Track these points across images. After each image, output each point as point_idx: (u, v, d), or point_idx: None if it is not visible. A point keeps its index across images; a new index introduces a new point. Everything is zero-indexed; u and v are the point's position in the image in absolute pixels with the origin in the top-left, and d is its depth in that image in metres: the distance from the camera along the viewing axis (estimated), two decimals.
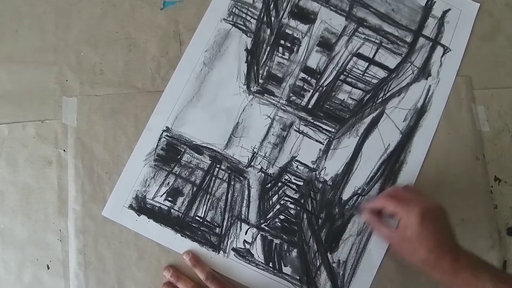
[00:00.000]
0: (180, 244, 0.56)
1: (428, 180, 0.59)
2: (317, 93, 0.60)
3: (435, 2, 0.64)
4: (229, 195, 0.57)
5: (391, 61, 0.61)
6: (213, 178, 0.58)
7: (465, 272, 0.44)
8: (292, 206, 0.57)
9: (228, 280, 0.55)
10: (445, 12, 0.64)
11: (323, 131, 0.59)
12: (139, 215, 0.56)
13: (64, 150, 0.57)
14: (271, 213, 0.57)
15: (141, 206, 0.56)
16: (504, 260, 0.58)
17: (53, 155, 0.57)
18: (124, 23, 0.60)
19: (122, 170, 0.57)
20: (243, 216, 0.57)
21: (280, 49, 0.61)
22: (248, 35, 0.61)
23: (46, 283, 0.55)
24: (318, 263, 0.57)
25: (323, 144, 0.59)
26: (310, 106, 0.60)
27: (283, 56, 0.61)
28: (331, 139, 0.59)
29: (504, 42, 0.64)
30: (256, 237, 0.57)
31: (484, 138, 0.61)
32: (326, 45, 0.61)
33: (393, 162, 0.59)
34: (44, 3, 0.60)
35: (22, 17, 0.59)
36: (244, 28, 0.61)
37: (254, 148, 0.58)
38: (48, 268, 0.55)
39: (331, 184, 0.58)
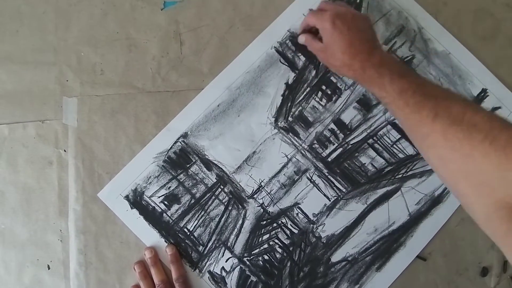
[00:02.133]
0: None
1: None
2: (341, 149, 0.59)
3: (487, 95, 0.62)
4: (223, 219, 0.57)
5: None
6: (213, 197, 0.57)
7: (371, 69, 0.46)
8: (279, 250, 0.57)
9: None
10: (494, 109, 0.62)
11: (334, 188, 0.58)
12: (131, 208, 0.56)
13: (65, 150, 0.57)
14: (257, 250, 0.57)
15: (136, 201, 0.56)
16: (504, 260, 0.58)
17: (53, 155, 0.57)
18: (124, 23, 0.59)
19: (128, 162, 0.57)
20: (229, 244, 0.57)
21: (319, 93, 0.60)
22: (293, 70, 0.60)
23: (46, 283, 0.55)
24: None
25: (330, 201, 0.58)
26: (329, 159, 0.59)
27: (320, 102, 0.60)
28: (339, 198, 0.58)
29: (504, 42, 0.63)
30: (235, 268, 0.56)
31: None
32: (365, 104, 0.60)
33: (392, 241, 0.58)
34: (44, 4, 0.59)
35: (22, 17, 0.59)
36: (291, 62, 0.60)
37: (262, 181, 0.58)
38: (49, 268, 0.55)
39: (324, 242, 0.57)
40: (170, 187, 0.57)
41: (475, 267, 0.58)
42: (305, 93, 0.60)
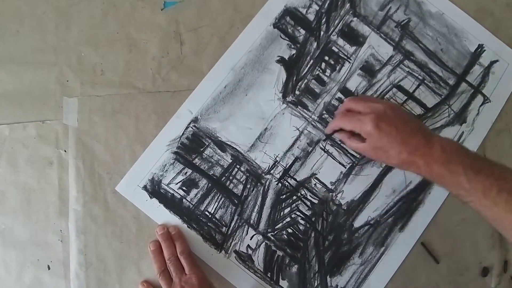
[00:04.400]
0: (185, 236, 0.56)
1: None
2: None
3: (484, 50, 0.63)
4: (243, 197, 0.57)
5: (430, 100, 0.61)
6: (231, 178, 0.58)
7: (439, 166, 0.43)
8: (302, 222, 0.57)
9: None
10: (492, 63, 0.63)
11: (348, 154, 0.59)
12: (151, 198, 0.56)
13: (65, 151, 0.57)
14: (280, 224, 0.57)
15: (154, 190, 0.56)
16: (505, 260, 0.59)
17: (54, 156, 0.57)
18: (124, 23, 0.59)
19: (140, 156, 0.57)
20: (251, 221, 0.57)
21: (323, 64, 0.60)
22: (294, 44, 0.60)
23: (46, 284, 0.55)
24: (316, 284, 0.56)
25: (345, 168, 0.59)
26: None
27: (324, 73, 0.60)
28: (355, 164, 0.59)
29: (505, 42, 0.64)
30: (261, 244, 0.57)
31: (484, 139, 0.61)
32: (369, 70, 0.61)
33: (411, 200, 0.58)
34: (44, 4, 0.59)
35: (23, 17, 0.59)
36: (292, 36, 0.60)
37: (277, 156, 0.58)
38: (49, 268, 0.55)
39: (345, 208, 0.58)
40: (186, 172, 0.57)
41: (476, 267, 0.59)
42: (309, 65, 0.60)
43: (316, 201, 0.58)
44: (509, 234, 0.42)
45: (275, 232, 0.57)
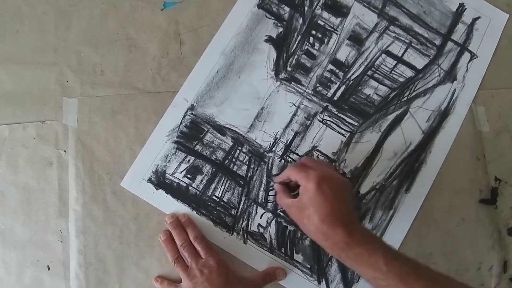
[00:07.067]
0: (195, 222, 0.56)
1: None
2: (344, 86, 0.60)
3: (465, 9, 0.64)
4: (248, 178, 0.58)
5: (419, 62, 0.62)
6: (234, 160, 0.58)
7: (358, 246, 0.43)
8: None
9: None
10: (474, 20, 0.64)
11: (347, 123, 0.60)
12: (157, 189, 0.56)
13: (65, 151, 0.57)
14: None
15: (159, 181, 0.57)
16: (504, 260, 0.59)
17: (53, 156, 0.56)
18: (124, 23, 0.60)
19: (140, 150, 0.57)
20: (259, 200, 0.57)
21: (311, 39, 0.61)
22: (281, 22, 0.61)
23: (46, 284, 0.54)
24: (330, 254, 0.57)
25: (345, 137, 0.59)
26: (335, 98, 0.60)
27: (313, 46, 0.61)
28: (354, 132, 0.59)
29: (505, 42, 0.65)
30: (271, 222, 0.57)
31: (484, 139, 0.62)
32: (356, 39, 0.62)
33: (413, 160, 0.59)
34: (44, 4, 0.59)
35: (23, 17, 0.59)
36: (277, 15, 0.61)
37: (276, 134, 0.59)
38: (49, 268, 0.55)
39: (349, 176, 0.58)
40: (189, 160, 0.57)
41: (475, 267, 0.59)
42: (297, 41, 0.61)
43: None
44: None
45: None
